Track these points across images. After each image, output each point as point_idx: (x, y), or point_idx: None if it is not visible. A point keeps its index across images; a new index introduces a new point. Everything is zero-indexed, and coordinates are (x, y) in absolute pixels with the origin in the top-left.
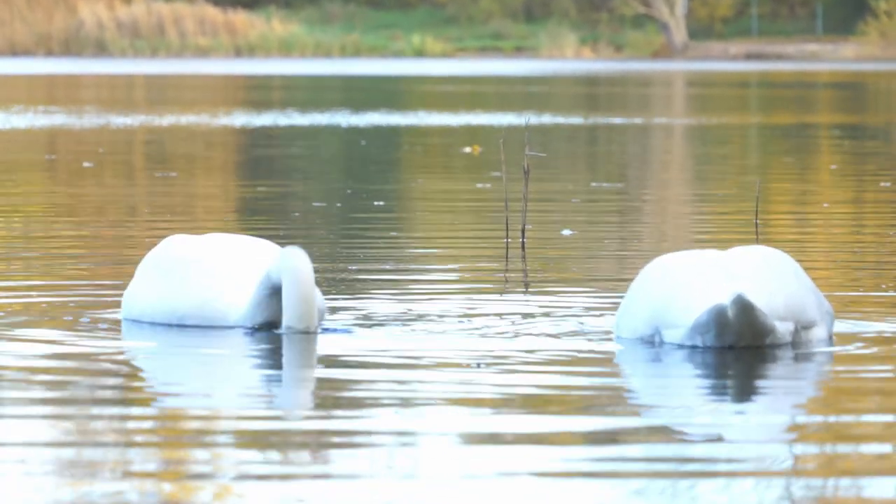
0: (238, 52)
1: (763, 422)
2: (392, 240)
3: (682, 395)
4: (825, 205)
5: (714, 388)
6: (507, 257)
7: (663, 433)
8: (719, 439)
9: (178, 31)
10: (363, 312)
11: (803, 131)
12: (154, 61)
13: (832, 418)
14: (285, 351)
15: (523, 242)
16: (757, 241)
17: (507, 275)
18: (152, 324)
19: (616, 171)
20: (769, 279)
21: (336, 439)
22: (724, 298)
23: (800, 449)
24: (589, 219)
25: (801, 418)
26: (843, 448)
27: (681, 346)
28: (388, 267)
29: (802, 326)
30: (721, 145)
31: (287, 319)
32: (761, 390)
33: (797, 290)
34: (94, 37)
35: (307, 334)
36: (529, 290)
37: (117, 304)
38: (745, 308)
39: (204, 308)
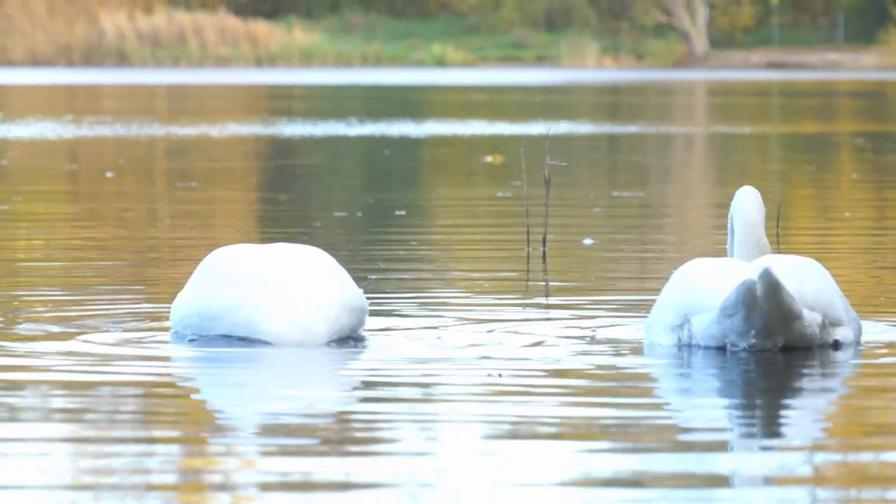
0: (259, 62)
1: (786, 454)
2: (413, 249)
3: (706, 410)
4: (847, 214)
5: (739, 403)
6: (528, 266)
7: (685, 453)
8: (740, 468)
9: (199, 41)
10: (384, 322)
11: (824, 140)
12: (175, 71)
13: (854, 452)
14: (305, 364)
15: (544, 251)
16: (777, 250)
17: (528, 283)
18: (193, 335)
19: (637, 180)
20: (798, 273)
21: (356, 449)
22: (753, 275)
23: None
24: (610, 228)
25: (826, 441)
26: (869, 489)
27: (703, 343)
28: (408, 276)
29: (830, 322)
30: (742, 154)
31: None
32: (789, 406)
33: (825, 287)
34: (115, 47)
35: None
36: (551, 299)
37: (140, 315)
38: (772, 285)
39: (245, 321)
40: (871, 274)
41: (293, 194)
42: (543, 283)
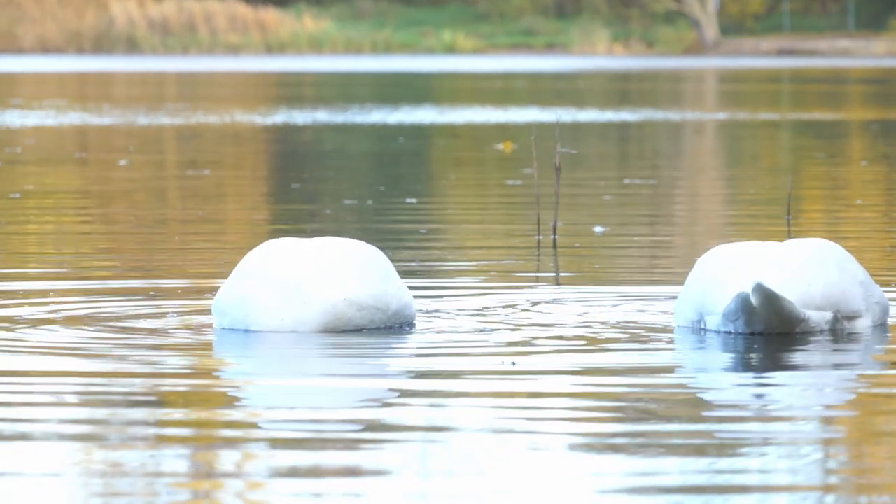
0: (269, 50)
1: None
2: (423, 237)
3: (717, 394)
4: (858, 201)
5: (755, 383)
6: (538, 254)
7: (697, 437)
8: (754, 444)
9: (209, 29)
10: None
11: (835, 127)
12: (185, 59)
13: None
14: (312, 354)
15: (555, 239)
16: (789, 237)
17: (539, 272)
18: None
19: (648, 168)
20: (809, 270)
21: (365, 442)
22: (747, 287)
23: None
24: (621, 216)
25: (838, 422)
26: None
27: (719, 332)
28: (417, 265)
29: (844, 316)
30: (752, 141)
31: None
32: (797, 383)
33: (839, 281)
34: (125, 34)
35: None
36: (561, 287)
37: (147, 309)
38: (766, 296)
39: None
40: (883, 261)
41: (304, 182)
42: (554, 272)
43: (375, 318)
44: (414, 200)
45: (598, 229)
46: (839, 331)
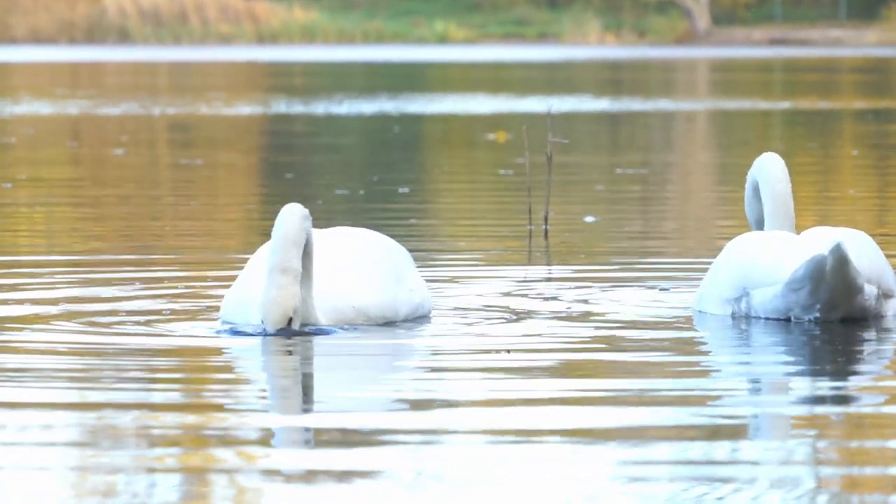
0: (260, 40)
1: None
2: (415, 227)
3: (723, 380)
4: (850, 190)
5: (780, 371)
6: (530, 244)
7: (697, 429)
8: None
9: (201, 19)
10: None
11: (826, 116)
12: (177, 49)
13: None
14: (304, 349)
15: (546, 229)
16: None
17: (530, 261)
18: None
19: (640, 158)
20: (854, 242)
21: (358, 436)
22: (823, 250)
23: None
24: (612, 205)
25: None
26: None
27: (764, 316)
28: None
29: (883, 293)
30: (744, 130)
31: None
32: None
33: (877, 259)
34: (117, 24)
35: None
36: (552, 276)
37: (135, 302)
38: (840, 259)
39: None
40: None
41: (296, 171)
42: (545, 260)
43: (384, 323)
44: (406, 190)
45: (589, 218)
46: (879, 312)
